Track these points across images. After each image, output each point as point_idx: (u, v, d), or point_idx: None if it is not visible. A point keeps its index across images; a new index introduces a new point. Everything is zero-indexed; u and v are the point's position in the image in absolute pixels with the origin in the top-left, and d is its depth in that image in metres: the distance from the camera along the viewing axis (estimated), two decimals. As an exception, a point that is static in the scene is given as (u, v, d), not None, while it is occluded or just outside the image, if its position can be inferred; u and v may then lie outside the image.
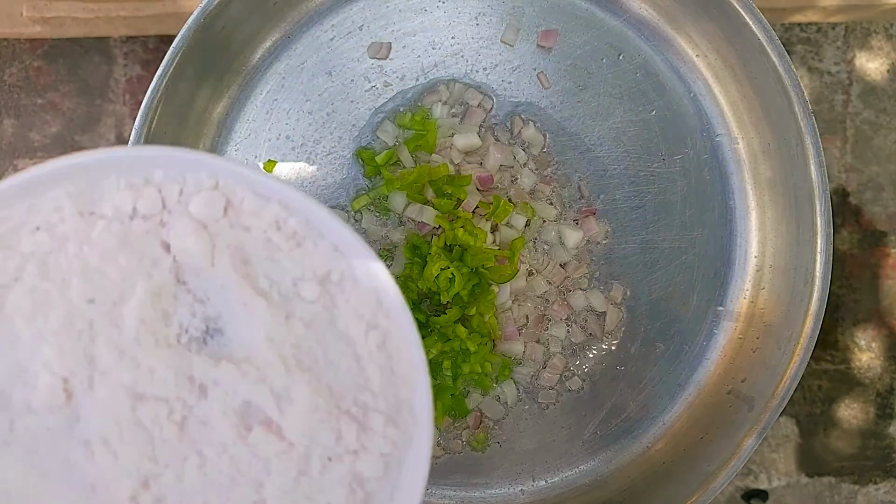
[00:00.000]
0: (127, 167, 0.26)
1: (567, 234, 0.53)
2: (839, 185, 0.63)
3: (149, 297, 0.25)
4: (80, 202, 0.26)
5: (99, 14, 0.56)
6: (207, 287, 0.26)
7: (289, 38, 0.52)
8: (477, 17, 0.53)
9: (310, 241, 0.26)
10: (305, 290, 0.26)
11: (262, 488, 0.26)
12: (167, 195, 0.26)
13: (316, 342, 0.26)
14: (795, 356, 0.49)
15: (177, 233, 0.26)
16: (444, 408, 0.52)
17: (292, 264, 0.26)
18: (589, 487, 0.53)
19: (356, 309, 0.27)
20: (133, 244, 0.26)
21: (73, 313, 0.25)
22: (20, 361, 0.25)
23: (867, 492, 0.64)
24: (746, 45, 0.50)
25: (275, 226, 0.26)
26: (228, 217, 0.26)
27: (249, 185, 0.26)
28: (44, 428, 0.25)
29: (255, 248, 0.26)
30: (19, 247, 0.25)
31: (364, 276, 0.27)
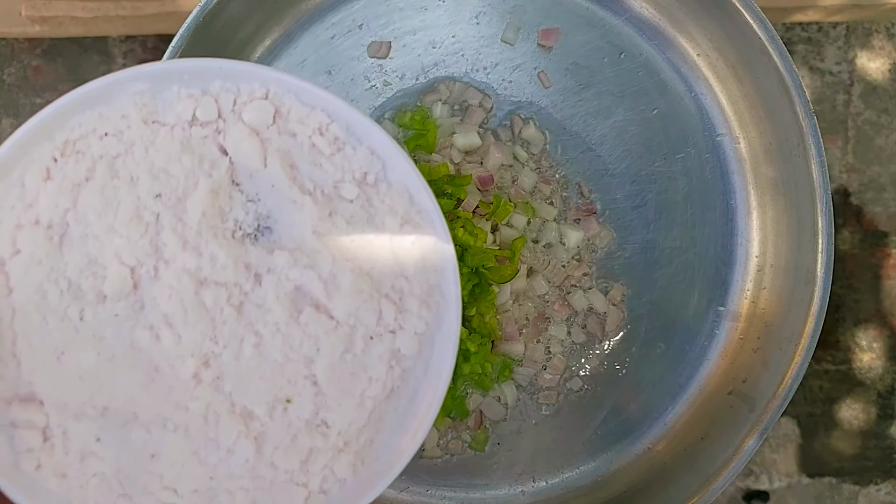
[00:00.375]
0: (187, 78, 0.28)
1: (568, 233, 0.52)
2: (840, 185, 0.63)
3: (209, 193, 0.27)
4: (145, 111, 0.28)
5: (98, 13, 0.55)
6: (259, 187, 0.28)
7: (288, 36, 0.52)
8: (477, 15, 0.52)
9: (349, 146, 0.29)
10: (345, 191, 0.29)
11: (311, 364, 0.28)
12: (223, 104, 0.29)
13: (356, 236, 0.29)
14: (797, 356, 0.49)
15: (232, 138, 0.28)
16: (444, 409, 0.52)
17: (333, 167, 0.29)
18: (590, 488, 0.53)
19: (391, 206, 0.29)
20: (194, 147, 0.28)
21: (140, 207, 0.27)
22: (91, 254, 0.27)
23: (868, 492, 0.64)
24: (748, 44, 0.49)
25: (318, 132, 0.29)
26: (277, 124, 0.29)
27: (297, 93, 0.29)
28: (112, 315, 0.27)
29: (301, 152, 0.29)
30: (90, 150, 0.28)
31: (397, 177, 0.29)
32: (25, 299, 0.27)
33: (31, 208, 0.27)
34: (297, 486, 0.29)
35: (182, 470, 0.28)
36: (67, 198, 0.27)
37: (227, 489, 0.29)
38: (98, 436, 0.28)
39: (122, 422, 0.28)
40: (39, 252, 0.27)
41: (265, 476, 0.29)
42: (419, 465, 0.52)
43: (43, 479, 0.27)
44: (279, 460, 0.29)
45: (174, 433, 0.28)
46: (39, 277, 0.27)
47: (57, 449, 0.28)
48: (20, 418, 0.27)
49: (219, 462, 0.28)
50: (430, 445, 0.52)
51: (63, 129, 0.28)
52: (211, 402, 0.28)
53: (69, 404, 0.27)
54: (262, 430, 0.28)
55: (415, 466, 0.52)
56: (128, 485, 0.28)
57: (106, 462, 0.28)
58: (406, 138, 0.52)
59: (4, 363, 0.27)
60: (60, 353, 0.27)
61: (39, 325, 0.27)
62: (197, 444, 0.28)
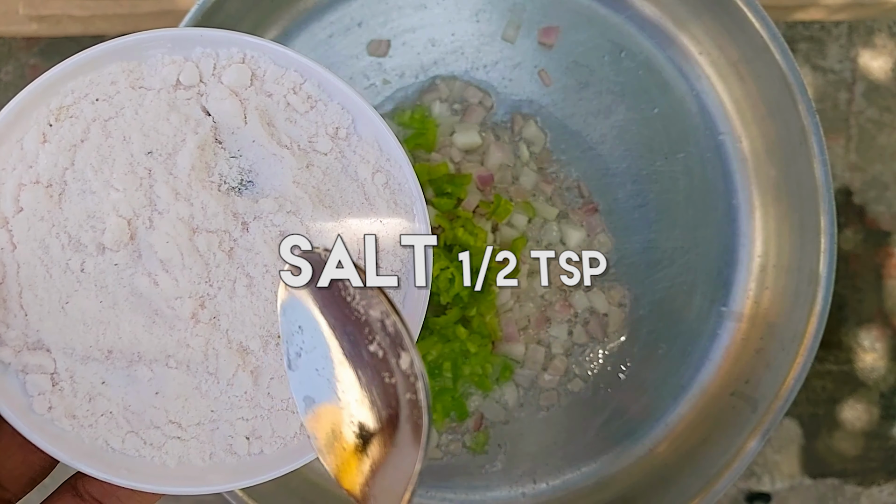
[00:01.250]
0: (170, 45, 0.30)
1: (569, 233, 0.52)
2: (843, 184, 0.63)
3: (196, 149, 0.30)
4: (132, 77, 0.30)
5: (95, 12, 0.55)
6: (241, 144, 0.31)
7: (286, 35, 0.51)
8: (477, 13, 0.52)
9: (321, 102, 0.31)
10: (320, 145, 0.31)
11: None
12: (203, 69, 0.31)
13: (333, 185, 0.31)
14: (799, 357, 0.49)
15: (214, 98, 0.30)
16: (444, 410, 0.51)
17: (307, 123, 0.31)
18: (591, 490, 0.53)
19: (362, 156, 0.32)
20: (179, 108, 0.30)
21: (134, 164, 0.29)
22: (89, 208, 0.29)
23: (871, 494, 0.63)
24: (750, 42, 0.49)
25: (292, 91, 0.31)
26: (254, 85, 0.31)
27: (272, 56, 0.31)
28: (112, 264, 0.29)
29: (277, 110, 0.31)
30: (83, 114, 0.30)
31: (366, 130, 0.32)
32: (29, 253, 0.29)
33: (31, 168, 0.29)
34: (293, 414, 0.31)
35: (185, 404, 0.30)
36: (65, 157, 0.29)
37: (227, 420, 0.31)
38: (104, 378, 0.30)
39: (127, 363, 0.30)
40: (41, 209, 0.29)
41: (263, 405, 0.31)
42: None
43: (55, 419, 0.29)
44: (275, 390, 0.31)
45: (176, 370, 0.30)
46: (42, 233, 0.29)
47: (66, 391, 0.30)
48: (30, 364, 0.29)
49: (219, 395, 0.30)
50: (430, 447, 0.52)
51: (57, 96, 0.30)
52: (210, 339, 0.30)
53: (75, 349, 0.29)
54: (258, 363, 0.31)
55: (414, 468, 0.52)
56: (135, 421, 0.30)
57: (113, 401, 0.30)
58: (405, 137, 0.51)
59: (13, 314, 0.29)
60: (65, 303, 0.29)
61: (43, 277, 0.29)
62: (198, 379, 0.30)
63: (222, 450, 0.31)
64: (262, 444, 0.31)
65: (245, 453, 0.31)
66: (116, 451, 0.30)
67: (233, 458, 0.31)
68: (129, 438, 0.30)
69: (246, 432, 0.31)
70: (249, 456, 0.31)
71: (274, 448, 0.31)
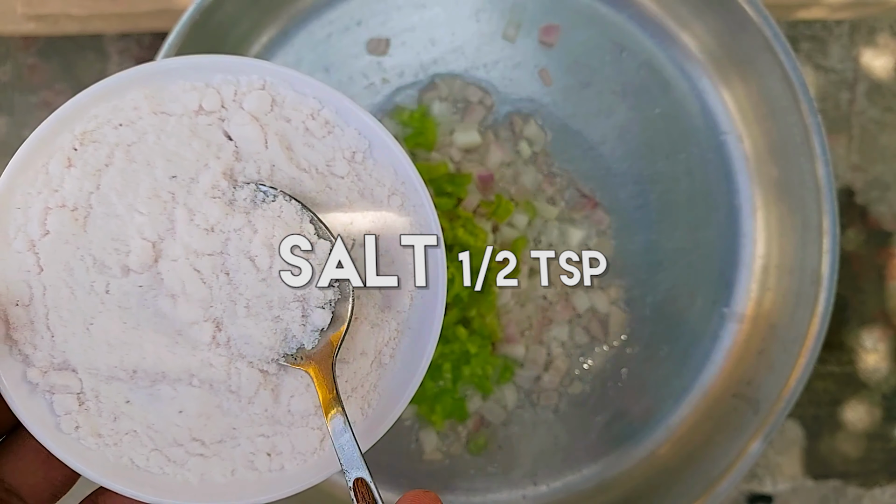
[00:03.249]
0: (191, 73, 0.31)
1: (569, 232, 0.52)
2: (845, 184, 0.63)
3: (220, 173, 0.30)
4: (153, 103, 0.31)
5: (93, 11, 0.55)
6: (261, 168, 0.31)
7: (285, 34, 0.51)
8: (477, 12, 0.52)
9: (338, 128, 0.32)
10: (337, 168, 0.32)
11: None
12: (225, 95, 0.31)
13: (350, 206, 0.32)
14: (801, 358, 0.49)
15: (236, 123, 0.31)
16: (444, 411, 0.51)
17: (325, 147, 0.32)
18: (592, 492, 0.52)
19: (378, 179, 0.32)
20: (201, 133, 0.31)
21: (158, 187, 0.30)
22: (114, 232, 0.30)
23: (873, 495, 0.63)
24: (751, 41, 0.49)
25: (311, 116, 0.32)
26: (274, 111, 0.32)
27: (291, 83, 0.32)
28: (135, 286, 0.30)
29: (296, 135, 0.32)
30: (106, 139, 0.30)
31: (381, 154, 0.32)
32: (55, 276, 0.29)
33: (56, 193, 0.30)
34: (312, 430, 0.32)
35: (207, 422, 0.31)
36: (90, 182, 0.30)
37: (248, 437, 0.31)
38: (128, 397, 0.30)
39: (150, 382, 0.30)
40: (66, 232, 0.29)
41: (283, 422, 0.31)
42: (419, 469, 0.52)
43: (82, 438, 0.30)
44: (295, 407, 0.31)
45: (199, 388, 0.31)
46: (67, 255, 0.29)
47: (91, 411, 0.30)
48: (57, 384, 0.30)
49: (240, 412, 0.31)
50: (430, 448, 0.52)
51: (80, 121, 0.30)
52: (231, 359, 0.31)
53: (100, 369, 0.30)
54: (278, 382, 0.31)
55: (414, 470, 0.52)
56: (158, 439, 0.31)
57: (136, 420, 0.30)
58: (405, 136, 0.51)
59: (40, 335, 0.29)
60: (89, 324, 0.29)
61: (69, 299, 0.29)
62: (220, 397, 0.31)
63: (243, 466, 0.31)
64: (283, 460, 0.32)
65: (266, 469, 0.31)
66: (141, 469, 0.30)
67: (254, 474, 0.31)
68: (153, 456, 0.31)
69: (266, 449, 0.31)
70: (270, 472, 0.31)
71: (294, 464, 0.32)
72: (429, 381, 0.51)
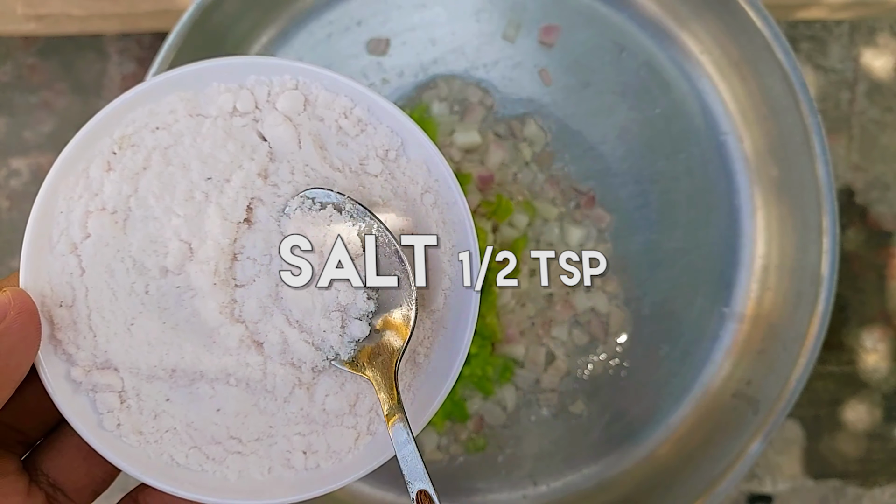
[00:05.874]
0: (226, 74, 0.32)
1: (569, 232, 0.52)
2: (845, 184, 0.63)
3: (254, 174, 0.31)
4: (190, 106, 0.31)
5: (94, 11, 0.55)
6: (295, 168, 0.32)
7: (285, 34, 0.51)
8: (477, 12, 0.52)
9: (371, 126, 0.32)
10: (370, 167, 0.32)
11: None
12: (258, 96, 0.32)
13: (384, 204, 0.33)
14: (801, 358, 0.49)
15: (269, 124, 0.31)
16: (444, 412, 0.51)
17: (358, 146, 0.32)
18: (592, 492, 0.52)
19: (411, 177, 0.33)
20: (236, 135, 0.31)
21: (193, 189, 0.30)
22: (152, 233, 0.30)
23: (873, 495, 0.63)
24: (751, 42, 0.49)
25: (343, 115, 0.32)
26: (307, 111, 0.32)
27: (323, 82, 0.32)
28: (173, 287, 0.30)
29: (329, 134, 0.32)
30: (144, 143, 0.31)
31: (415, 151, 0.33)
32: (97, 277, 0.30)
33: (96, 196, 0.30)
34: (347, 429, 0.32)
35: (245, 420, 0.31)
36: (129, 185, 0.30)
37: (284, 435, 0.32)
38: (168, 396, 0.31)
39: (189, 381, 0.31)
40: (107, 235, 0.30)
41: (318, 421, 0.32)
42: (419, 469, 0.52)
43: (123, 436, 0.30)
44: (330, 406, 0.32)
45: (236, 388, 0.31)
46: (108, 257, 0.30)
47: (133, 409, 0.31)
48: (100, 383, 0.30)
49: (277, 411, 0.32)
50: (430, 449, 0.52)
51: (119, 126, 0.31)
52: (266, 360, 0.31)
53: (141, 368, 0.31)
54: (314, 381, 0.32)
55: (414, 470, 0.52)
56: (197, 437, 0.31)
57: (176, 418, 0.31)
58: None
59: (82, 335, 0.30)
60: (130, 324, 0.30)
61: (110, 300, 0.30)
62: (257, 396, 0.31)
63: (280, 464, 0.32)
64: (318, 459, 0.32)
65: (302, 467, 0.32)
66: (181, 466, 0.31)
67: (290, 472, 0.32)
68: (193, 454, 0.31)
69: (302, 447, 0.32)
70: (306, 470, 0.32)
71: (329, 463, 0.32)
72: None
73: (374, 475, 0.51)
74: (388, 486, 0.52)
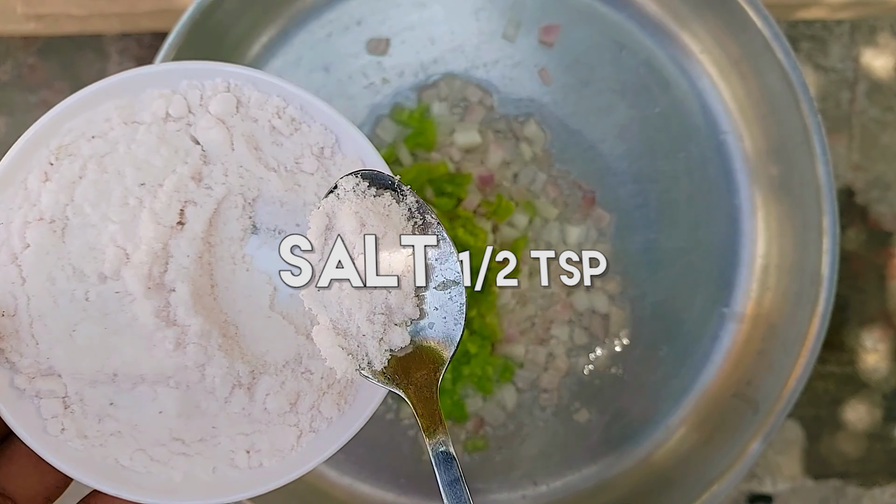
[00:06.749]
0: (159, 80, 0.32)
1: (569, 232, 0.52)
2: (845, 183, 0.63)
3: (187, 178, 0.31)
4: (125, 113, 0.32)
5: (93, 11, 0.55)
6: (228, 170, 0.32)
7: (285, 33, 0.51)
8: (477, 12, 0.52)
9: (305, 124, 0.33)
10: (305, 165, 0.33)
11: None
12: (191, 100, 0.32)
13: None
14: (801, 358, 0.49)
15: (202, 128, 0.32)
16: (444, 412, 0.51)
17: (293, 145, 0.32)
18: (591, 492, 0.52)
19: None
20: (169, 140, 0.32)
21: (127, 195, 0.31)
22: (90, 241, 0.31)
23: (873, 495, 0.63)
24: (751, 41, 0.49)
25: (276, 115, 0.32)
26: (240, 112, 0.32)
27: (254, 83, 0.32)
28: (113, 293, 0.31)
29: (263, 135, 0.32)
30: (80, 152, 0.31)
31: (349, 148, 0.33)
32: (38, 286, 0.30)
33: (35, 207, 0.31)
34: (289, 427, 0.32)
35: (187, 422, 0.32)
36: (65, 194, 0.31)
37: (227, 435, 0.32)
38: (111, 399, 0.32)
39: (131, 384, 0.31)
40: (46, 244, 0.31)
41: (260, 420, 0.32)
42: (418, 470, 0.52)
43: (68, 440, 0.31)
44: (271, 405, 0.32)
45: (177, 389, 0.32)
46: (48, 266, 0.31)
47: (77, 414, 0.31)
48: (43, 389, 0.31)
49: (219, 411, 0.32)
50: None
51: (56, 136, 0.31)
52: (205, 362, 0.31)
53: (84, 373, 0.31)
54: (254, 381, 0.32)
55: (414, 471, 0.52)
56: (142, 439, 0.32)
57: (121, 421, 0.32)
58: (405, 136, 0.51)
59: (25, 343, 0.31)
60: (72, 331, 0.31)
61: (51, 308, 0.31)
62: (198, 397, 0.32)
63: (224, 464, 0.32)
64: (262, 458, 0.32)
65: (246, 466, 0.32)
66: (126, 469, 0.31)
67: (235, 471, 0.32)
68: (138, 456, 0.32)
69: (246, 446, 0.32)
70: (250, 469, 0.32)
71: (273, 461, 0.33)
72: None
73: (375, 475, 0.51)
74: (388, 486, 0.52)
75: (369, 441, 0.51)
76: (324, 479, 0.51)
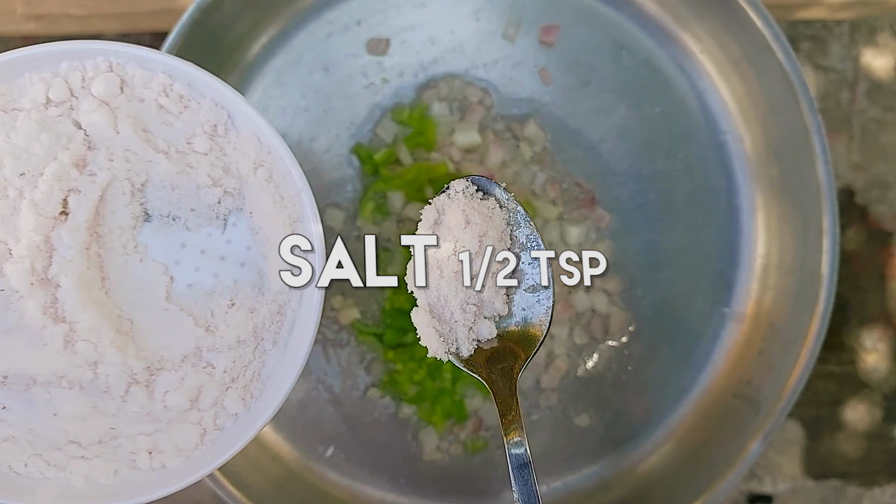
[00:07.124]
0: (37, 63, 0.30)
1: (569, 232, 0.52)
2: (845, 183, 0.63)
3: (69, 166, 0.30)
4: (4, 101, 0.30)
5: (93, 11, 0.55)
6: (114, 154, 0.31)
7: (285, 33, 0.51)
8: (477, 11, 0.52)
9: (194, 101, 0.31)
10: (198, 145, 0.31)
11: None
12: (73, 83, 0.30)
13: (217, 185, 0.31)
14: (801, 358, 0.49)
15: (84, 111, 0.30)
16: (444, 412, 0.51)
17: (183, 124, 0.31)
18: (592, 492, 0.52)
19: (242, 152, 0.31)
20: (50, 126, 0.30)
21: (6, 187, 0.29)
22: None
23: (873, 495, 0.63)
24: (751, 41, 0.49)
25: (163, 93, 0.31)
26: (125, 93, 0.31)
27: (137, 61, 0.31)
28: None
29: (150, 115, 0.31)
30: None
31: (243, 124, 0.31)
32: None
33: None
34: (192, 425, 0.31)
35: (84, 423, 0.31)
36: None
37: (128, 436, 0.31)
38: (4, 403, 0.30)
39: (24, 386, 0.30)
40: None
41: (161, 418, 0.31)
42: (418, 470, 0.52)
43: None
44: (171, 402, 0.31)
45: (70, 390, 0.30)
46: None
47: None
48: None
49: (116, 411, 0.31)
50: (430, 449, 0.52)
51: None
52: (97, 359, 0.30)
53: None
54: (151, 378, 0.31)
55: (413, 471, 0.52)
56: (37, 444, 0.30)
57: (15, 426, 0.30)
58: (405, 136, 0.51)
59: None
60: None
61: None
62: (94, 397, 0.31)
63: (126, 466, 0.31)
64: (164, 458, 0.31)
65: (148, 468, 0.31)
66: (21, 475, 0.30)
67: (137, 473, 0.31)
68: (33, 461, 0.30)
69: (147, 447, 0.31)
70: (153, 470, 0.31)
71: (176, 461, 0.31)
72: (428, 382, 0.51)
73: (375, 475, 0.51)
74: (388, 487, 0.52)
75: (369, 441, 0.51)
76: (324, 479, 0.51)
